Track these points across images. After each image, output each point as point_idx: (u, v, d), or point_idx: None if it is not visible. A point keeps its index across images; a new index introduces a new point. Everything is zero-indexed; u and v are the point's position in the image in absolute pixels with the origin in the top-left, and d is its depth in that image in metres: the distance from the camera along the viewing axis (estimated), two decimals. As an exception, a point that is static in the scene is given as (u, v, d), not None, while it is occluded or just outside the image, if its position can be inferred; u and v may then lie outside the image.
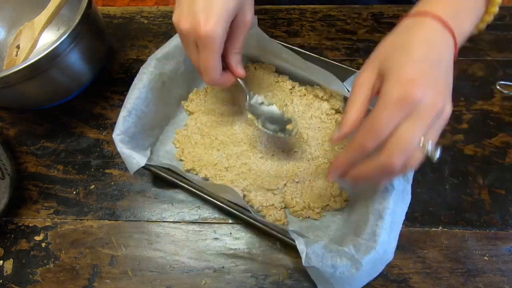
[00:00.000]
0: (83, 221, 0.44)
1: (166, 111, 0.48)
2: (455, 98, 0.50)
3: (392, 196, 0.36)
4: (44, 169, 0.48)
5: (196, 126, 0.47)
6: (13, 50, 0.48)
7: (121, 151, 0.40)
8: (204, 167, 0.44)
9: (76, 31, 0.42)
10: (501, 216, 0.42)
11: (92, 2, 0.46)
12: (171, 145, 0.47)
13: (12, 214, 0.45)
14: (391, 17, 0.57)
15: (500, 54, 0.53)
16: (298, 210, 0.42)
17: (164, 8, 0.61)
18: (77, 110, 0.52)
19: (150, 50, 0.56)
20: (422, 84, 0.28)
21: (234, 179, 0.43)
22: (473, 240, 0.41)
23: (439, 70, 0.29)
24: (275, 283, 0.40)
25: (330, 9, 0.59)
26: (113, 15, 0.60)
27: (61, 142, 0.50)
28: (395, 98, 0.28)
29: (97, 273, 0.41)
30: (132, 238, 0.43)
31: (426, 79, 0.28)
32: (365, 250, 0.34)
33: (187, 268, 0.41)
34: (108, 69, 0.55)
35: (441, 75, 0.30)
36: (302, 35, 0.57)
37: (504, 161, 0.45)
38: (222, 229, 0.43)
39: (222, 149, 0.46)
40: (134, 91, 0.42)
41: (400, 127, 0.28)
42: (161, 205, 0.45)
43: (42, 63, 0.41)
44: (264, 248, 0.42)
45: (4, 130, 0.51)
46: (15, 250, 0.43)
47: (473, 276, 0.39)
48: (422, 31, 0.30)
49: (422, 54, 0.29)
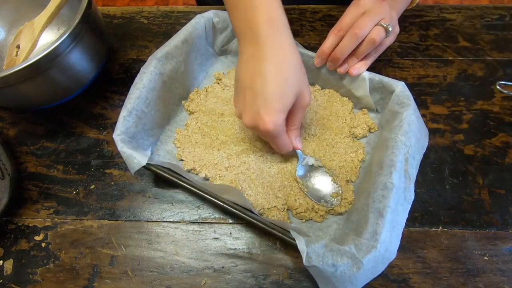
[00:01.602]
0: (83, 221, 0.44)
1: (167, 111, 0.48)
2: (455, 98, 0.50)
3: (392, 194, 0.36)
4: (44, 169, 0.48)
5: (197, 126, 0.47)
6: (13, 50, 0.48)
7: (122, 151, 0.40)
8: (204, 167, 0.44)
9: (76, 31, 0.42)
10: (501, 216, 0.42)
11: (92, 2, 0.46)
12: (172, 145, 0.47)
13: (12, 214, 0.45)
14: (391, 17, 0.57)
15: (500, 54, 0.53)
16: (302, 212, 0.42)
17: (164, 8, 0.61)
18: (77, 110, 0.52)
19: (150, 50, 0.56)
20: None
21: (234, 179, 0.43)
22: (473, 240, 0.41)
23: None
24: (275, 283, 0.40)
25: (330, 9, 0.59)
26: (113, 15, 0.60)
27: (61, 142, 0.50)
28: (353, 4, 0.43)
29: (97, 273, 0.41)
30: (132, 238, 0.43)
31: None
32: (366, 249, 0.34)
33: (187, 268, 0.41)
34: (108, 69, 0.55)
35: None
36: (302, 35, 0.57)
37: (504, 161, 0.45)
38: (222, 229, 0.43)
39: (223, 149, 0.46)
40: (134, 91, 0.42)
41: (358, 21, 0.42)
42: (161, 205, 0.45)
43: (42, 63, 0.41)
44: (264, 248, 0.42)
45: (4, 130, 0.51)
46: (15, 250, 0.43)
47: (473, 276, 0.39)
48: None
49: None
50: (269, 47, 0.36)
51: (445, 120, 0.48)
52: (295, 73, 0.37)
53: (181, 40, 0.45)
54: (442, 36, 0.56)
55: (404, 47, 0.55)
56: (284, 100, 0.36)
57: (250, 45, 0.37)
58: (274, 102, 0.35)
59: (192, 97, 0.50)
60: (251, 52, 0.37)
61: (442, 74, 0.52)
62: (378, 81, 0.44)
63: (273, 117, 0.35)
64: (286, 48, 0.36)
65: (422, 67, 0.53)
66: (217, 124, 0.47)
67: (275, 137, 0.38)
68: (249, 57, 0.37)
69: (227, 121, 0.48)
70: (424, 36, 0.56)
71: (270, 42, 0.36)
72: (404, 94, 0.42)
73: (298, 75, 0.37)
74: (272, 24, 0.36)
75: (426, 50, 0.54)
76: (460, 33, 0.56)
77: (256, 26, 0.36)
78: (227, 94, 0.50)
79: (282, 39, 0.36)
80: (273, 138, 0.38)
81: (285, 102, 0.36)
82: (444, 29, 0.56)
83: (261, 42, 0.36)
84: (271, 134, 0.37)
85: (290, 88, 0.36)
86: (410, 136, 0.40)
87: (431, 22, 0.57)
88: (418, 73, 0.53)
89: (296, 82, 0.37)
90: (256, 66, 0.36)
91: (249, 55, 0.37)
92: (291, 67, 0.36)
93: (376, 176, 0.40)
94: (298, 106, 0.38)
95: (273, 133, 0.36)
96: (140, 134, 0.43)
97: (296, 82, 0.37)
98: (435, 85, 0.51)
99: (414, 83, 0.52)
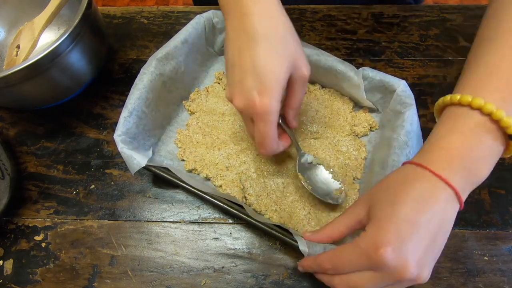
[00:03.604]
0: (83, 221, 0.44)
1: (167, 111, 0.48)
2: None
3: None
4: (44, 169, 0.48)
5: (198, 126, 0.47)
6: (13, 50, 0.48)
7: (122, 151, 0.40)
8: (205, 167, 0.45)
9: (76, 31, 0.42)
10: (501, 216, 0.42)
11: (92, 2, 0.46)
12: (173, 145, 0.47)
13: (12, 214, 0.45)
14: (391, 17, 0.57)
15: (500, 54, 0.53)
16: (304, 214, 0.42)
17: (164, 8, 0.61)
18: (77, 110, 0.52)
19: (150, 50, 0.56)
20: (394, 248, 0.26)
21: (235, 179, 0.43)
22: (473, 240, 0.41)
23: (425, 232, 0.27)
24: (275, 283, 0.40)
25: (330, 9, 0.59)
26: (113, 15, 0.60)
27: (61, 142, 0.50)
28: (364, 248, 0.28)
29: (97, 273, 0.41)
30: (132, 238, 0.43)
31: (401, 242, 0.27)
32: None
33: (187, 268, 0.41)
34: (108, 69, 0.55)
35: (424, 238, 0.27)
36: (302, 35, 0.57)
37: (504, 161, 0.45)
38: (222, 229, 0.43)
39: (223, 148, 0.46)
40: (134, 92, 0.42)
41: (356, 273, 0.29)
42: (161, 205, 0.45)
43: (42, 63, 0.41)
44: (264, 248, 0.42)
45: (4, 130, 0.51)
46: (15, 250, 0.43)
47: (473, 276, 0.39)
48: (417, 186, 0.28)
49: (408, 213, 0.27)
50: (254, 16, 0.32)
51: (445, 120, 0.48)
52: (287, 43, 0.33)
53: (181, 40, 0.45)
54: (442, 36, 0.56)
55: (404, 47, 0.55)
56: (277, 75, 0.32)
57: (234, 17, 0.33)
58: (266, 80, 0.31)
59: (192, 97, 0.50)
60: (237, 24, 0.33)
61: (442, 74, 0.52)
62: (378, 81, 0.44)
63: (267, 95, 0.31)
64: (273, 14, 0.33)
65: (422, 67, 0.53)
66: (218, 123, 0.47)
67: (264, 123, 0.33)
68: (234, 30, 0.33)
69: (228, 121, 0.48)
70: (424, 36, 0.56)
71: (256, 10, 0.32)
72: (406, 93, 0.42)
73: (290, 46, 0.33)
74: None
75: (426, 50, 0.54)
76: (460, 33, 0.56)
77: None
78: (227, 94, 0.50)
79: (268, 6, 0.33)
80: (261, 124, 0.33)
81: (278, 77, 0.32)
82: (444, 29, 0.56)
83: (246, 12, 0.32)
84: (262, 117, 0.32)
85: (282, 61, 0.32)
86: (412, 136, 0.40)
87: (431, 22, 0.57)
88: (418, 73, 0.53)
89: (289, 53, 0.32)
90: (243, 39, 0.32)
91: (235, 28, 0.33)
92: (281, 36, 0.32)
93: (377, 176, 0.40)
94: (295, 80, 0.34)
95: (264, 116, 0.32)
96: (141, 135, 0.43)
97: (288, 54, 0.32)
98: (435, 85, 0.51)
99: (414, 83, 0.51)
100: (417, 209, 0.27)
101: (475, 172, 0.29)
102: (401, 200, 0.28)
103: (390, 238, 0.27)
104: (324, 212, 0.42)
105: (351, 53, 0.54)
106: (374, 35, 0.56)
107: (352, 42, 0.55)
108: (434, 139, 0.31)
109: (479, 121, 0.29)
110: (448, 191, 0.28)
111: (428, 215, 0.28)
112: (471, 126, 0.29)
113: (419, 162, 0.30)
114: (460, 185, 0.28)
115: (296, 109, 0.38)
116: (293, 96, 0.36)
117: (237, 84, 0.33)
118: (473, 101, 0.29)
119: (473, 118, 0.29)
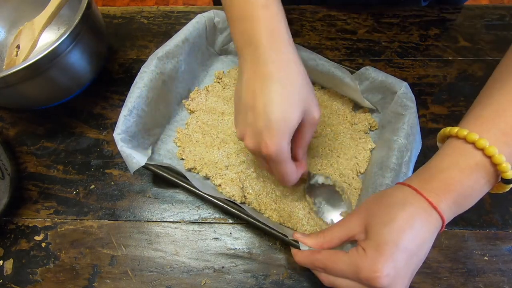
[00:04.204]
0: (83, 221, 0.44)
1: (167, 110, 0.48)
2: (455, 98, 0.50)
3: None
4: (44, 169, 0.48)
5: (197, 125, 0.47)
6: (13, 50, 0.48)
7: (122, 150, 0.40)
8: (205, 166, 0.45)
9: (76, 31, 0.42)
10: (501, 216, 0.42)
11: (92, 2, 0.45)
12: (172, 144, 0.47)
13: (12, 214, 0.45)
14: (391, 17, 0.57)
15: (500, 54, 0.53)
16: None
17: (164, 8, 0.61)
18: (77, 110, 0.52)
19: (150, 50, 0.56)
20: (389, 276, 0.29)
21: (235, 178, 0.43)
22: (473, 240, 0.41)
23: (416, 260, 0.31)
24: (275, 283, 0.40)
25: (330, 9, 0.59)
26: (113, 15, 0.60)
27: (61, 142, 0.50)
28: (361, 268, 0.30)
29: (97, 273, 0.41)
30: (132, 238, 0.43)
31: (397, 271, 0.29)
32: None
33: (187, 268, 0.41)
34: (108, 69, 0.55)
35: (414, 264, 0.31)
36: (302, 35, 0.57)
37: (504, 161, 0.45)
38: (222, 229, 0.43)
39: (223, 148, 0.46)
40: (135, 90, 0.42)
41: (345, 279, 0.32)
42: (161, 205, 0.45)
43: (42, 63, 0.41)
44: (264, 248, 0.42)
45: (4, 130, 0.51)
46: (15, 250, 0.43)
47: (473, 276, 0.39)
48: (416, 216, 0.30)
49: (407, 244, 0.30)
50: (271, 64, 0.33)
51: (445, 120, 0.48)
52: (300, 90, 0.34)
53: (182, 39, 0.45)
54: (442, 36, 0.56)
55: (404, 47, 0.55)
56: (288, 122, 0.33)
57: (251, 62, 0.34)
58: (277, 124, 0.32)
59: (192, 96, 0.50)
60: (253, 69, 0.34)
61: (442, 74, 0.52)
62: (380, 81, 0.44)
63: (276, 140, 0.33)
64: (289, 64, 0.34)
65: (422, 67, 0.53)
66: (217, 123, 0.47)
67: (278, 163, 0.35)
68: (250, 75, 0.34)
69: (227, 120, 0.48)
70: (424, 36, 0.56)
71: (272, 59, 0.33)
72: (407, 96, 0.42)
73: (303, 92, 0.34)
74: (273, 38, 0.34)
75: (426, 50, 0.54)
76: (460, 33, 0.56)
77: (257, 41, 0.34)
78: (227, 93, 0.50)
79: (285, 55, 0.34)
80: (276, 164, 0.35)
81: (289, 124, 0.33)
82: (444, 29, 0.56)
83: (263, 59, 0.33)
84: (274, 159, 0.34)
85: (295, 108, 0.33)
86: (412, 139, 0.40)
87: (431, 22, 0.57)
88: (418, 73, 0.53)
89: (301, 100, 0.34)
90: (258, 85, 0.33)
91: (251, 73, 0.34)
92: (296, 85, 0.34)
93: (375, 176, 0.40)
94: (306, 123, 0.35)
95: (276, 157, 0.34)
96: (140, 133, 0.43)
97: (301, 100, 0.34)
98: (435, 85, 0.51)
99: (414, 83, 0.52)
100: (414, 241, 0.30)
101: (463, 206, 0.32)
102: (401, 228, 0.30)
103: (388, 266, 0.29)
104: (324, 212, 0.42)
105: (351, 53, 0.54)
106: (374, 35, 0.56)
107: (352, 42, 0.55)
108: (436, 170, 0.32)
109: (480, 161, 0.30)
110: (439, 220, 0.31)
111: (422, 246, 0.30)
112: (472, 164, 0.31)
113: (420, 190, 0.31)
114: (448, 215, 0.31)
115: (304, 148, 0.39)
116: (302, 137, 0.37)
117: (249, 126, 0.35)
118: (478, 142, 0.30)
119: (475, 157, 0.31)
